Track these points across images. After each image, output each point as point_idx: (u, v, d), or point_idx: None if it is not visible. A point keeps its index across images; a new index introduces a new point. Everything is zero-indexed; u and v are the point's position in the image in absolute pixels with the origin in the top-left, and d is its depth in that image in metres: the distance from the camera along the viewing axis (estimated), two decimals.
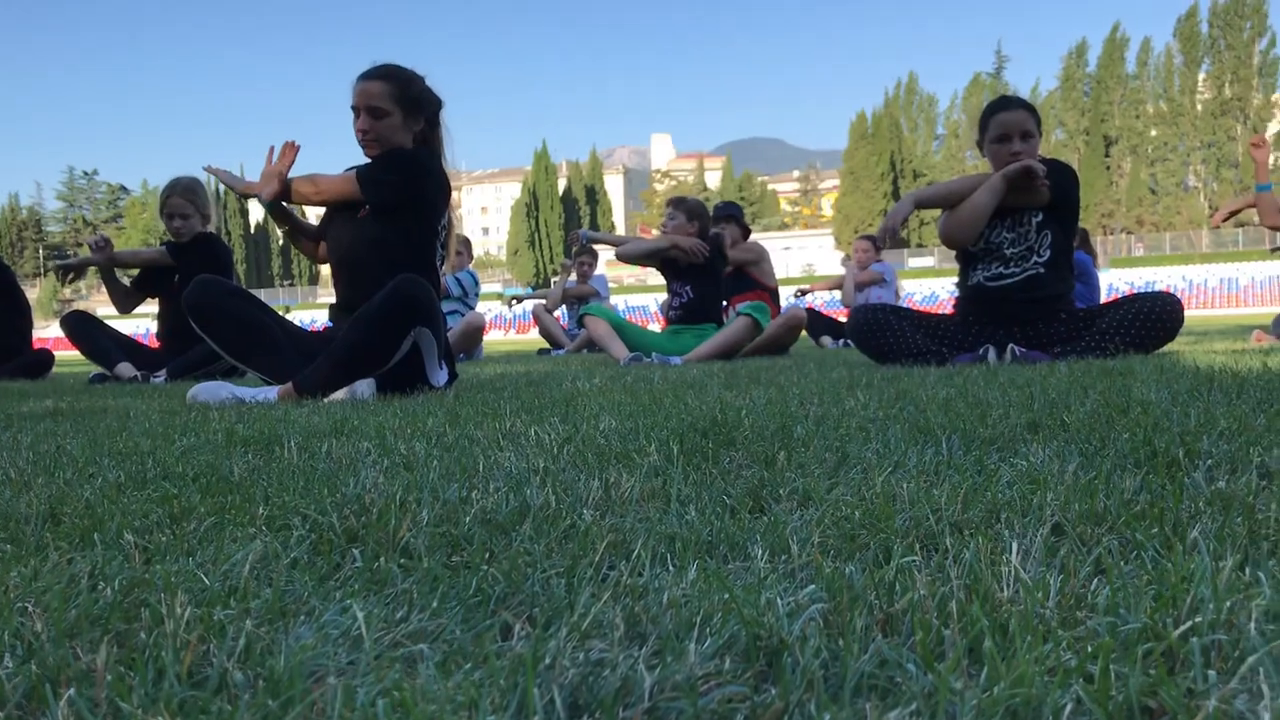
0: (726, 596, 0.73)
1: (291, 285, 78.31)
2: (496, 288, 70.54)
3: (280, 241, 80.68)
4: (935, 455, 1.36)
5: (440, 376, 3.29)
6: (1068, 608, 0.70)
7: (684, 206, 5.98)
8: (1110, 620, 0.64)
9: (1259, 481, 1.07)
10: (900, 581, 0.76)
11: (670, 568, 0.87)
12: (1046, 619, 0.67)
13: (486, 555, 0.91)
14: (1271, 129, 77.47)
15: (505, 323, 57.86)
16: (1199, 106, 76.37)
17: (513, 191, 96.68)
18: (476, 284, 8.29)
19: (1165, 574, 0.72)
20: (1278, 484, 1.06)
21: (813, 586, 0.77)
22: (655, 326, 7.70)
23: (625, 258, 5.94)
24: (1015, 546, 0.83)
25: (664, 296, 6.45)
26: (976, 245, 4.02)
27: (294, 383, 3.04)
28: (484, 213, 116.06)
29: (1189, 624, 0.62)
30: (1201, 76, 76.84)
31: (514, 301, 10.45)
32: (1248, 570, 0.74)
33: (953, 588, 0.73)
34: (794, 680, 0.58)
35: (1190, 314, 24.30)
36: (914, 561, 0.82)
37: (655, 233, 6.12)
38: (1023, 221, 3.96)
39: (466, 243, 8.23)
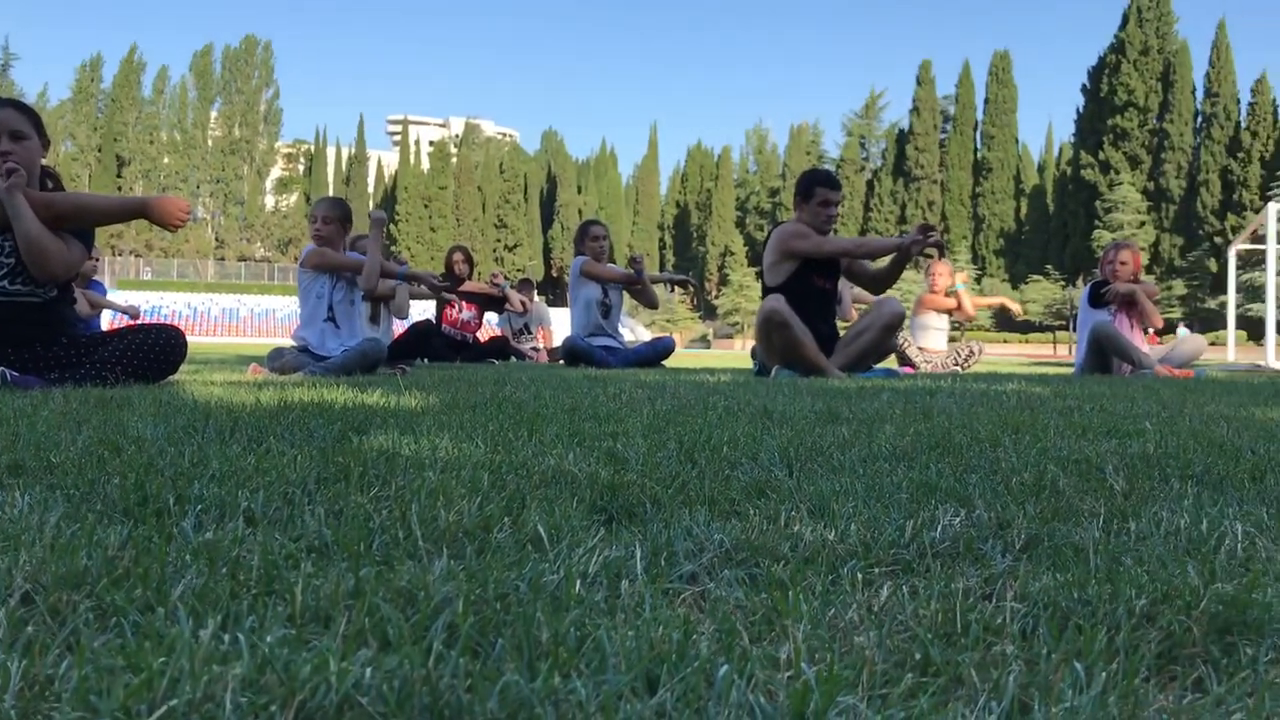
0: None
1: None
2: None
3: None
4: None
5: None
6: (31, 699, 0.61)
7: None
8: (81, 715, 0.57)
9: (246, 528, 1.09)
10: None
11: None
12: (6, 715, 0.58)
13: None
14: (274, 174, 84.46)
15: None
16: (210, 142, 79.84)
17: None
18: None
19: (144, 648, 0.68)
20: (261, 529, 1.09)
21: None
22: None
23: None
24: None
25: None
26: None
27: None
28: None
29: (165, 707, 0.58)
30: (214, 114, 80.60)
31: None
32: (228, 633, 0.73)
33: None
34: None
35: (194, 340, 25.13)
36: None
37: None
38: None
39: None
